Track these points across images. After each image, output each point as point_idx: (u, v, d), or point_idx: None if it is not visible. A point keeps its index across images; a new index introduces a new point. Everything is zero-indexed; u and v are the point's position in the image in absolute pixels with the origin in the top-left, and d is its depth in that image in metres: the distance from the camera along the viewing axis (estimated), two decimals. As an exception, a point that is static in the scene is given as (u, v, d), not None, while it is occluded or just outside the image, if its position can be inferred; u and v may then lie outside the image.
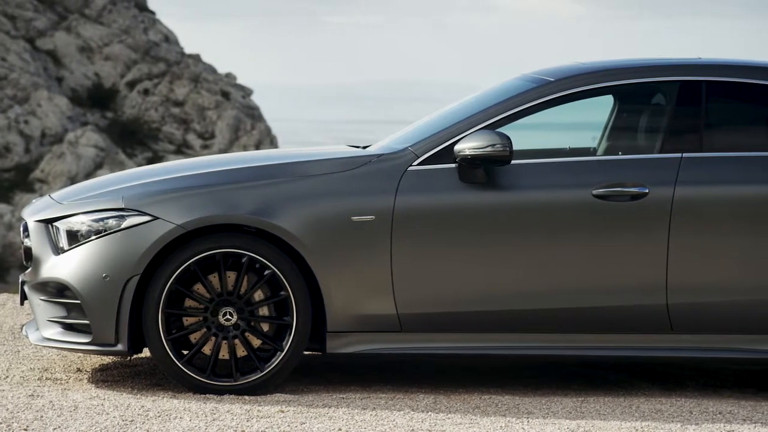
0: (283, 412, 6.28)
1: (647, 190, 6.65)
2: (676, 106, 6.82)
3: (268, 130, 46.31)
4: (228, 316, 6.64)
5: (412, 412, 6.33)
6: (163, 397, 6.52)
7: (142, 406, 6.31)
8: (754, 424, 6.20)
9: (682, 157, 6.72)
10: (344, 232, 6.63)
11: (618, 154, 6.89)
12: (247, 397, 6.54)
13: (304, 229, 6.59)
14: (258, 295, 6.69)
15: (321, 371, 7.23)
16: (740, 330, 6.65)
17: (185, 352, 6.64)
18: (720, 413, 6.39)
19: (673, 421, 6.24)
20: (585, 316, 6.66)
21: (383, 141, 7.30)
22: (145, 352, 7.23)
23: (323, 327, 6.66)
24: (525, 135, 6.98)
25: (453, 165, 6.73)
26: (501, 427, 6.10)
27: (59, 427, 5.88)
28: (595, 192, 6.66)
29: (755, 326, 6.65)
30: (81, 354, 7.41)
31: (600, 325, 6.67)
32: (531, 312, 6.66)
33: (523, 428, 6.09)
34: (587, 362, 7.34)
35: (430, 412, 6.33)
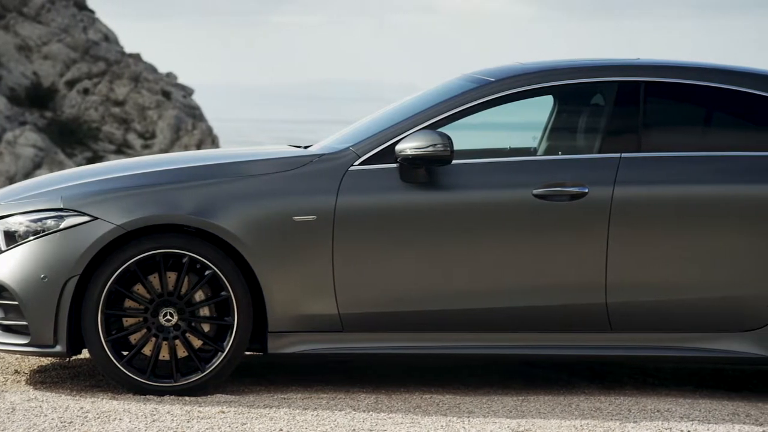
0: (223, 412, 6.26)
1: (587, 190, 6.70)
2: (614, 107, 6.87)
3: (209, 129, 46.14)
4: (168, 317, 6.61)
5: (354, 412, 6.33)
6: (103, 399, 6.48)
7: (81, 408, 6.26)
8: (691, 422, 6.26)
9: (620, 157, 6.77)
10: (286, 232, 6.62)
11: (558, 154, 6.93)
12: (187, 398, 6.51)
13: (246, 229, 6.58)
14: (199, 296, 6.66)
15: (262, 372, 7.22)
16: (678, 329, 6.72)
17: (125, 353, 6.60)
18: (658, 411, 6.45)
19: (612, 419, 6.29)
20: (525, 316, 6.69)
21: (325, 141, 7.30)
22: (85, 354, 7.18)
23: (264, 327, 6.65)
24: (466, 135, 7.00)
25: (394, 165, 6.74)
26: (442, 426, 6.12)
27: (-3, 429, 5.82)
28: (535, 192, 6.70)
29: (694, 325, 6.71)
30: (19, 355, 7.34)
31: (540, 325, 6.70)
32: (472, 311, 6.69)
33: (463, 427, 6.11)
34: (528, 361, 7.38)
35: (371, 412, 6.34)
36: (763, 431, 6.15)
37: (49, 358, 7.25)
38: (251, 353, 6.89)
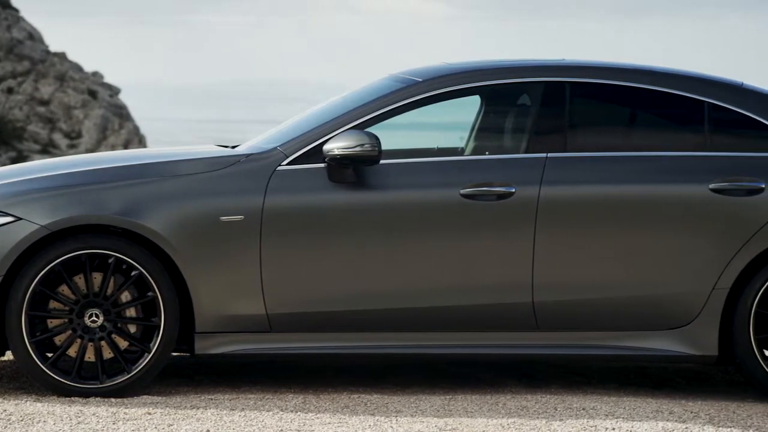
0: (150, 414, 6.22)
1: (513, 190, 6.74)
2: (540, 107, 6.92)
3: (136, 129, 45.80)
4: (94, 318, 6.55)
5: (281, 412, 6.32)
6: (27, 401, 6.41)
7: (4, 410, 6.19)
8: (615, 419, 6.33)
9: (547, 157, 6.82)
10: (213, 233, 6.60)
11: (485, 154, 6.97)
12: (113, 400, 6.46)
13: (172, 229, 6.54)
14: (125, 296, 6.61)
15: (189, 372, 7.18)
16: (604, 327, 6.78)
17: (50, 355, 6.53)
18: (583, 409, 6.50)
19: (538, 418, 6.34)
20: (453, 315, 6.72)
21: (252, 141, 7.28)
22: (8, 355, 7.10)
23: (192, 328, 6.62)
24: (394, 135, 7.02)
25: (322, 165, 6.73)
26: (370, 426, 6.13)
27: None
28: (462, 191, 6.73)
29: (619, 324, 6.78)
30: (-58, 358, 7.25)
31: (468, 324, 6.73)
32: (400, 311, 6.70)
33: (391, 427, 6.12)
34: (455, 361, 7.41)
35: (299, 412, 6.33)
36: (685, 428, 6.23)
37: (-27, 361, 7.16)
38: (178, 354, 6.85)
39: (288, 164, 6.75)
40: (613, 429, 6.15)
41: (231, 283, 6.61)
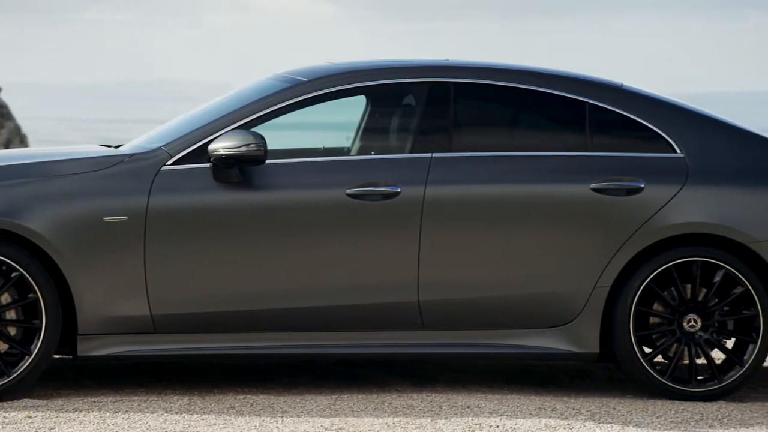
0: (30, 417, 6.13)
1: (399, 190, 6.77)
2: (425, 107, 6.96)
3: (18, 128, 45.01)
4: (-27, 320, 6.44)
5: (166, 414, 6.27)
6: None
7: None
8: (500, 417, 6.39)
9: (432, 156, 6.87)
10: (96, 233, 6.53)
11: (371, 154, 6.99)
12: (-7, 404, 6.35)
13: (54, 230, 6.45)
14: (5, 298, 6.51)
15: (72, 375, 7.09)
16: (488, 326, 6.84)
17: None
18: (468, 407, 6.56)
19: (424, 416, 6.37)
20: (340, 315, 6.73)
21: (136, 140, 7.21)
22: None
23: (74, 330, 6.53)
24: (280, 135, 7.01)
25: (207, 165, 6.70)
26: (255, 426, 6.11)
27: None
28: (348, 191, 6.74)
29: (503, 322, 6.84)
30: None
31: (355, 323, 6.75)
32: (287, 311, 6.69)
33: (277, 427, 6.11)
34: (342, 360, 7.42)
35: (184, 414, 6.29)
36: (567, 424, 6.31)
37: None
38: (60, 356, 6.75)
39: (172, 164, 6.70)
40: (497, 427, 6.22)
41: (114, 285, 6.55)
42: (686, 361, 6.90)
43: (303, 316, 6.71)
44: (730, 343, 7.01)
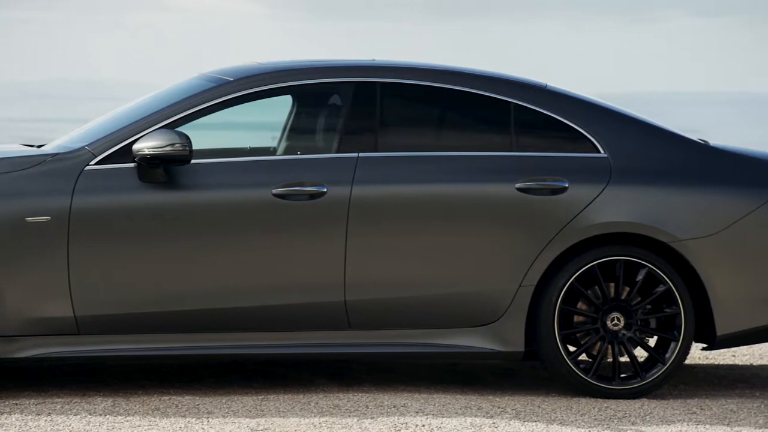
0: (-48, 420, 6.05)
1: (325, 189, 6.77)
2: (352, 107, 6.97)
3: (-60, 128, 44.36)
4: None
5: (90, 416, 6.22)
6: None
7: None
8: (425, 416, 6.41)
9: (358, 156, 6.87)
10: (18, 234, 6.46)
11: (297, 154, 6.98)
12: None
13: (-24, 230, 6.37)
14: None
15: (-6, 377, 7.02)
16: (414, 325, 6.86)
17: None
18: (394, 406, 6.58)
19: (350, 416, 6.38)
20: (266, 315, 6.72)
21: (59, 140, 7.15)
22: None
23: (-4, 331, 6.46)
24: (205, 134, 6.98)
25: (132, 165, 6.65)
26: (181, 428, 6.08)
27: None
28: (274, 191, 6.73)
29: (430, 321, 6.87)
30: None
31: (281, 324, 6.74)
32: (212, 311, 6.67)
33: (203, 428, 6.09)
34: (268, 360, 7.40)
35: (108, 416, 6.24)
36: (493, 422, 6.35)
37: None
38: (-18, 359, 6.67)
39: (96, 164, 6.65)
40: (423, 426, 6.24)
41: (37, 285, 6.48)
42: (610, 359, 6.97)
43: (229, 317, 6.69)
44: (652, 342, 7.10)
